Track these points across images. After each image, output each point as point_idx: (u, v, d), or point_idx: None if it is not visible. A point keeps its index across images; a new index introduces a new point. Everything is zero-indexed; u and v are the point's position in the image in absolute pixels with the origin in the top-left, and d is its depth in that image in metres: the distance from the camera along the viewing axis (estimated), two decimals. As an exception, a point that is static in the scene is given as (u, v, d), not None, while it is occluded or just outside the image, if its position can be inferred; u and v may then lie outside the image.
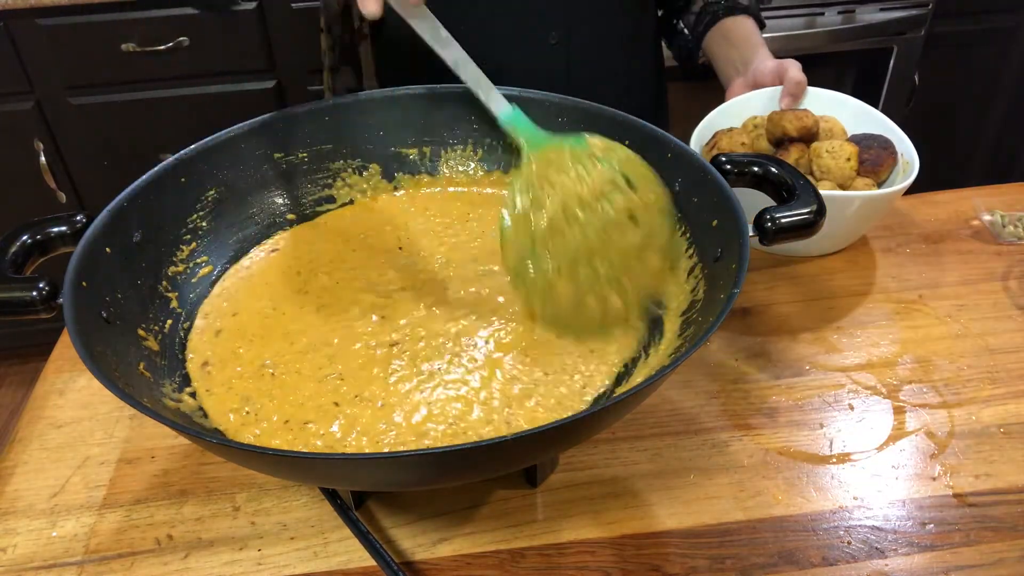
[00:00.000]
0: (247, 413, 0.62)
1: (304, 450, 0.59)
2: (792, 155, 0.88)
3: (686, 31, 1.11)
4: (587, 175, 0.66)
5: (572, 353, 0.67)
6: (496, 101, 0.73)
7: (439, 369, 0.65)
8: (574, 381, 0.65)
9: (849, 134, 0.92)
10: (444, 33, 0.71)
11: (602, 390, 0.64)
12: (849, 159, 0.86)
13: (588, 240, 0.64)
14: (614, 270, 0.65)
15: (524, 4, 0.98)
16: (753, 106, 0.97)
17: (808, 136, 0.89)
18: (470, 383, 0.64)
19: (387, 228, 0.82)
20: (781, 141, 0.90)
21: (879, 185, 0.88)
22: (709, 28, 1.07)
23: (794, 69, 0.96)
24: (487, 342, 0.68)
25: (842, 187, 0.86)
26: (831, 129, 0.92)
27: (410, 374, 0.65)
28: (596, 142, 0.68)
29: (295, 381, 0.65)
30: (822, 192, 0.65)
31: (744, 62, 1.03)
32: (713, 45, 1.08)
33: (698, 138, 0.91)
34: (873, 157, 0.87)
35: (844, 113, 0.95)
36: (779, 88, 0.97)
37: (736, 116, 0.96)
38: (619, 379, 0.65)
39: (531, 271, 0.65)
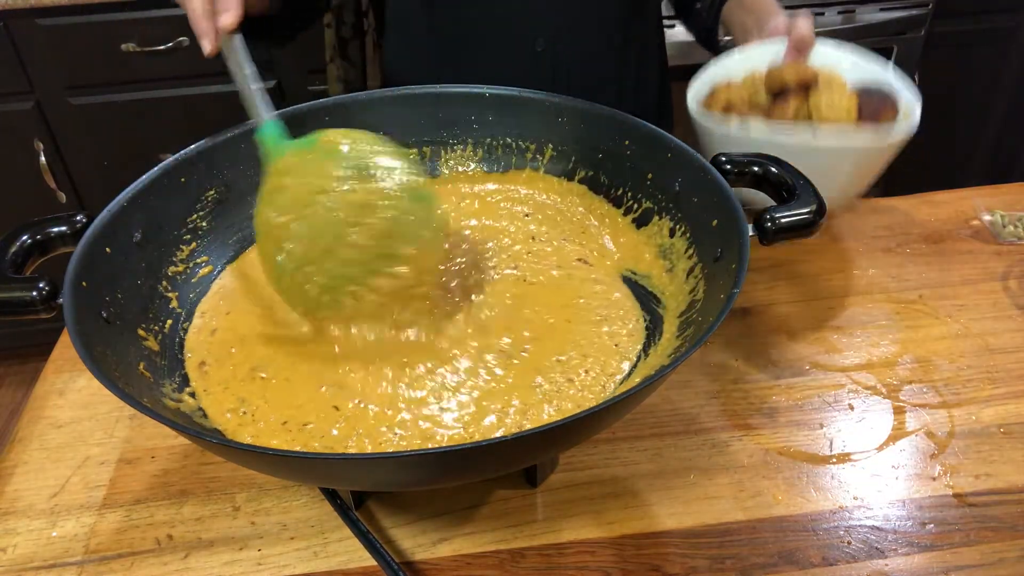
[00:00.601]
0: (244, 413, 0.62)
1: (303, 450, 0.58)
2: (791, 105, 0.85)
3: (700, 8, 1.10)
4: (315, 175, 0.63)
5: (594, 354, 0.66)
6: (261, 111, 0.72)
7: (455, 376, 0.64)
8: (597, 385, 0.64)
9: (849, 85, 0.89)
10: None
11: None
12: (848, 110, 0.83)
13: (320, 239, 0.62)
14: (356, 266, 0.63)
15: (509, 11, 0.97)
16: (752, 60, 0.93)
17: (808, 87, 0.86)
18: (483, 388, 0.63)
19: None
20: (780, 92, 0.87)
21: None
22: (725, 1, 1.06)
23: (803, 23, 0.91)
24: (495, 345, 0.67)
25: None
26: (830, 80, 0.88)
27: (418, 379, 0.64)
28: (327, 137, 0.66)
29: (293, 382, 0.64)
30: (818, 138, 0.62)
31: (759, 25, 0.99)
32: (729, 14, 1.05)
33: (695, 93, 0.88)
34: (873, 108, 0.85)
35: (844, 64, 0.91)
36: (778, 42, 0.94)
37: (734, 70, 0.92)
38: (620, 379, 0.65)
39: (284, 274, 0.64)
